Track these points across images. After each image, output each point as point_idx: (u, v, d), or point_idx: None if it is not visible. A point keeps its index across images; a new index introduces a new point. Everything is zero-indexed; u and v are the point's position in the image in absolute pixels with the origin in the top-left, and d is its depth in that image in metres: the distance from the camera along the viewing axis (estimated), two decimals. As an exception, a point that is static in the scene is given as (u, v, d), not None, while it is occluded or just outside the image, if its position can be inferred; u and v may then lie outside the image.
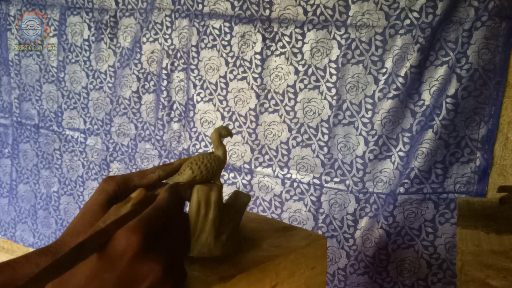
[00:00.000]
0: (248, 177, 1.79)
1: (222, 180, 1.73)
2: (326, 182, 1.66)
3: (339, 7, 1.55)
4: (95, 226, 0.50)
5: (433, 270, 1.57)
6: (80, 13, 2.09)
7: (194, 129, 1.89)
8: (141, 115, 2.02)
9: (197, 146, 1.90)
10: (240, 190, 1.76)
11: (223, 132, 0.83)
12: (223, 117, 1.82)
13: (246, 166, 1.79)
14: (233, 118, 1.79)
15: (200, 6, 1.78)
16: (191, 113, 1.87)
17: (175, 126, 1.93)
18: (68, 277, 0.44)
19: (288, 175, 1.72)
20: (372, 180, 1.59)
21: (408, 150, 1.53)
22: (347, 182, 1.62)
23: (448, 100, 1.44)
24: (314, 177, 1.67)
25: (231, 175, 1.83)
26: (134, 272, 0.45)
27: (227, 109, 1.80)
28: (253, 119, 1.75)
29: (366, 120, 1.57)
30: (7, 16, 2.29)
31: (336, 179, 1.64)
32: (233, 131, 1.78)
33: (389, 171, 1.56)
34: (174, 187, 0.53)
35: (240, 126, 1.78)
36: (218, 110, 1.82)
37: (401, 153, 1.54)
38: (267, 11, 1.66)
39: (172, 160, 1.96)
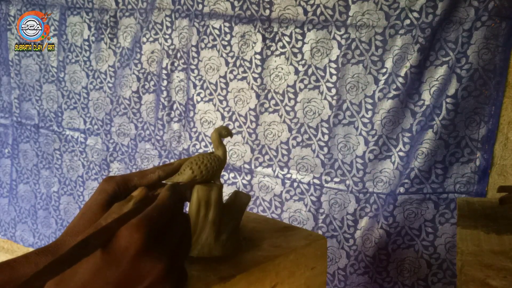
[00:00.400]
0: (248, 177, 1.79)
1: (222, 180, 1.73)
2: (326, 182, 1.66)
3: (339, 7, 1.55)
4: (96, 223, 0.50)
5: (433, 270, 1.57)
6: (80, 13, 2.09)
7: (194, 129, 1.89)
8: (141, 115, 2.02)
9: (197, 146, 1.90)
10: (240, 190, 1.76)
11: (223, 132, 0.83)
12: (223, 117, 1.82)
13: (246, 166, 1.79)
14: (233, 118, 1.79)
15: (200, 6, 1.78)
16: (191, 113, 1.87)
17: (175, 126, 1.93)
18: (70, 274, 0.44)
19: (288, 175, 1.72)
20: (372, 180, 1.59)
21: (408, 150, 1.53)
22: (347, 182, 1.62)
23: (448, 100, 1.44)
24: (314, 177, 1.67)
25: (231, 175, 1.83)
26: (137, 269, 0.45)
27: (227, 109, 1.80)
28: (253, 119, 1.75)
29: (366, 120, 1.57)
30: (7, 16, 2.29)
31: (336, 179, 1.64)
32: (233, 131, 1.78)
33: (389, 171, 1.56)
34: (175, 186, 0.53)
35: (240, 126, 1.78)
36: (218, 110, 1.82)
37: (401, 153, 1.54)
38: (267, 11, 1.66)
39: (172, 160, 1.96)
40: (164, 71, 1.91)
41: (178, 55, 1.87)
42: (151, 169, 0.68)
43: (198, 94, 1.85)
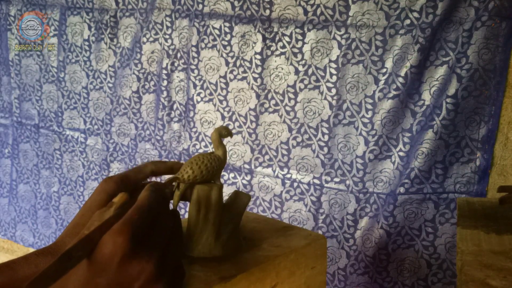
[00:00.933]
0: (248, 177, 1.79)
1: (222, 180, 1.74)
2: (326, 182, 1.66)
3: (339, 7, 1.55)
4: (80, 233, 0.51)
5: (433, 270, 1.57)
6: (80, 13, 2.09)
7: (194, 129, 1.89)
8: (141, 115, 2.02)
9: (197, 146, 1.90)
10: (240, 190, 1.76)
11: (223, 132, 0.83)
12: (223, 117, 1.82)
13: (246, 166, 1.79)
14: (233, 118, 1.79)
15: (200, 6, 1.78)
16: (191, 113, 1.88)
17: (175, 126, 1.94)
18: (59, 287, 0.44)
19: (288, 175, 1.72)
20: (372, 180, 1.59)
21: (408, 150, 1.53)
22: (347, 182, 1.62)
23: (448, 100, 1.44)
24: (314, 177, 1.67)
25: (231, 175, 1.83)
26: (126, 274, 0.45)
27: (227, 109, 1.80)
28: (253, 119, 1.75)
29: (366, 120, 1.57)
30: (7, 16, 2.29)
31: (336, 179, 1.64)
32: (233, 131, 1.78)
33: (389, 171, 1.56)
34: (154, 185, 0.54)
35: (240, 126, 1.78)
36: (218, 110, 1.82)
37: (401, 153, 1.54)
38: (267, 11, 1.66)
39: (172, 160, 1.97)
40: (164, 71, 1.91)
41: (178, 55, 1.87)
42: (143, 164, 0.68)
43: (198, 94, 1.85)
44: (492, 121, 1.45)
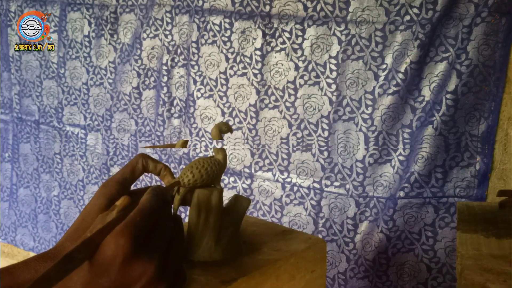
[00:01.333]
0: (248, 181, 1.79)
1: (222, 184, 1.74)
2: (326, 186, 1.66)
3: (339, 3, 1.55)
4: (82, 236, 0.51)
5: (433, 274, 1.57)
6: (81, 9, 2.08)
7: (194, 125, 1.89)
8: (141, 111, 2.02)
9: (197, 147, 1.89)
10: (240, 194, 1.77)
11: (223, 128, 0.83)
12: (223, 113, 1.82)
13: (246, 170, 1.79)
14: (233, 114, 1.79)
15: (200, 2, 1.77)
16: (192, 109, 1.87)
17: (176, 122, 1.94)
18: None
19: (288, 179, 1.72)
20: (372, 184, 1.59)
21: (408, 154, 1.53)
22: (347, 186, 1.62)
23: (448, 96, 1.44)
24: (314, 181, 1.67)
25: (231, 179, 1.83)
26: (127, 275, 0.46)
27: (227, 105, 1.80)
28: (253, 115, 1.75)
29: (366, 116, 1.57)
30: (7, 12, 2.29)
31: (336, 183, 1.64)
32: (233, 127, 1.78)
33: (389, 175, 1.56)
34: (156, 189, 0.54)
35: (240, 122, 1.78)
36: (218, 106, 1.82)
37: (401, 157, 1.54)
38: (267, 7, 1.66)
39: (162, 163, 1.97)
40: (165, 67, 1.91)
41: (179, 51, 1.87)
42: (135, 160, 0.68)
43: (198, 90, 1.84)
44: (492, 117, 1.45)
